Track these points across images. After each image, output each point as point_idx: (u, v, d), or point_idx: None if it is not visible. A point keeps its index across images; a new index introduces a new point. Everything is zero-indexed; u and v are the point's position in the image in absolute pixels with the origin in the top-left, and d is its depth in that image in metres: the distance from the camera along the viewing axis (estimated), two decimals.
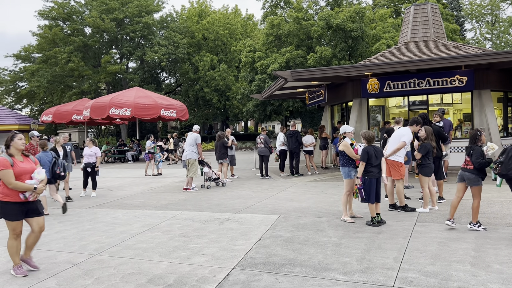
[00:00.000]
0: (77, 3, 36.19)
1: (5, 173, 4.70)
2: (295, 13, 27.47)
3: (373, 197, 6.59)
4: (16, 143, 4.88)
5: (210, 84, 37.23)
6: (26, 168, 4.89)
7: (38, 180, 4.86)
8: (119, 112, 21.47)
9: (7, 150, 4.90)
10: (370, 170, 6.60)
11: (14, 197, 4.77)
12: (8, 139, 4.87)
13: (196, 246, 5.85)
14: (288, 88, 16.37)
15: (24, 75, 37.19)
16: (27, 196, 4.80)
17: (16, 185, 4.72)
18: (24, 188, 4.77)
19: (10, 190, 4.75)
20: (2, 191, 4.77)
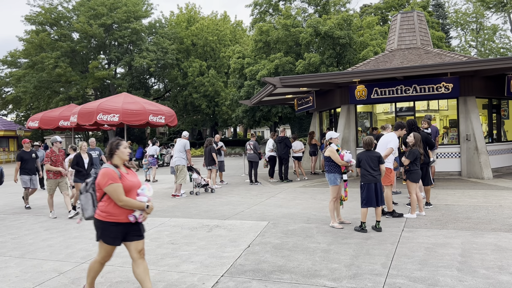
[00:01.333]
0: (64, 8, 35.97)
1: (114, 188, 3.86)
2: (284, 20, 27.67)
3: (369, 202, 6.61)
4: (122, 152, 4.07)
5: (199, 90, 37.22)
6: (134, 182, 4.06)
7: (148, 197, 4.05)
8: (107, 118, 21.27)
9: (109, 160, 4.10)
10: (366, 175, 6.64)
11: (121, 218, 3.93)
12: (113, 146, 4.07)
13: (184, 254, 5.81)
14: (277, 94, 16.44)
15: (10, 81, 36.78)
16: (137, 216, 3.97)
17: (127, 203, 3.88)
18: (137, 207, 3.94)
19: (118, 208, 3.92)
20: (106, 209, 3.93)
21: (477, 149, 12.36)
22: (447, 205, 8.57)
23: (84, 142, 9.77)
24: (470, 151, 12.63)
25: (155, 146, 15.66)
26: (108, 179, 3.87)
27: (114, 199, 3.88)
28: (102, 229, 3.95)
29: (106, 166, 4.01)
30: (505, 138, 14.73)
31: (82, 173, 9.14)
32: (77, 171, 9.16)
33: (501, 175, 12.99)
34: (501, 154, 14.07)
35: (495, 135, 14.30)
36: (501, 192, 9.93)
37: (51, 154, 8.84)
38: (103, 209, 3.94)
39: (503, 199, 8.95)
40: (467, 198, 9.21)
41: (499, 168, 13.79)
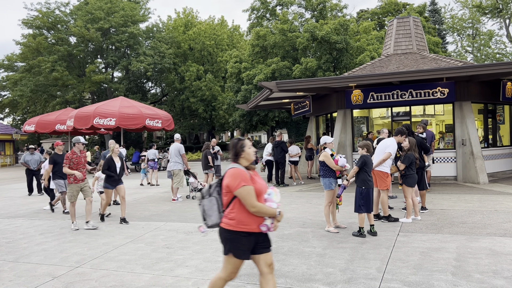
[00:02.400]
0: (62, 12, 35.96)
1: (248, 191, 3.36)
2: (281, 25, 27.77)
3: (368, 207, 6.61)
4: (249, 153, 3.58)
5: (196, 94, 37.24)
6: (262, 185, 3.54)
7: (277, 203, 3.53)
8: (103, 122, 21.26)
9: (235, 159, 3.61)
10: (369, 180, 6.63)
11: (253, 227, 3.42)
12: (238, 148, 3.58)
13: (179, 258, 5.79)
14: (273, 99, 16.47)
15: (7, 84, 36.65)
16: (269, 225, 3.43)
17: (260, 209, 3.36)
18: (269, 214, 3.40)
19: (249, 216, 3.40)
20: (236, 216, 3.41)
21: (473, 154, 12.40)
22: (442, 209, 8.59)
23: (116, 144, 8.88)
24: (466, 156, 12.68)
25: (154, 150, 15.65)
26: (240, 180, 3.36)
27: (246, 204, 3.35)
28: (232, 240, 3.41)
29: (235, 166, 3.52)
30: (501, 143, 14.79)
31: (114, 179, 8.44)
32: (108, 176, 8.48)
33: (497, 180, 13.03)
34: (497, 159, 14.12)
35: (490, 140, 14.36)
36: (497, 196, 9.96)
37: (72, 156, 7.93)
38: (233, 216, 3.42)
39: (498, 204, 8.98)
40: (463, 203, 9.23)
41: (495, 173, 13.84)
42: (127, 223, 8.38)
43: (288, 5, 31.02)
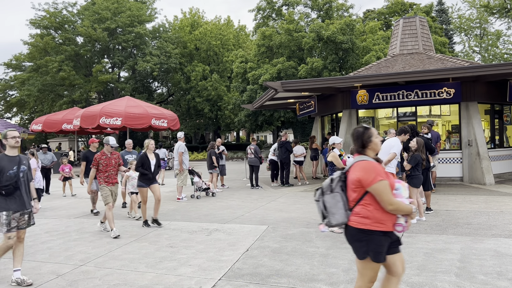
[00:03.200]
0: (69, 12, 36.20)
1: (385, 186, 3.05)
2: (287, 25, 27.75)
3: None
4: (376, 144, 3.26)
5: (202, 94, 37.32)
6: (392, 180, 3.22)
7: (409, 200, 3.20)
8: (109, 121, 21.37)
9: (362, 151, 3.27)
10: None
11: (388, 225, 3.10)
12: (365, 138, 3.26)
13: (183, 257, 5.81)
14: (279, 99, 16.46)
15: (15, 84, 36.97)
16: (404, 224, 3.15)
17: (398, 206, 3.04)
18: (406, 211, 3.08)
19: (384, 214, 3.08)
20: (371, 214, 3.08)
21: (479, 155, 12.32)
22: (447, 210, 8.54)
23: (151, 140, 8.18)
24: (472, 157, 12.59)
25: (163, 149, 15.89)
26: (376, 174, 3.03)
27: (383, 201, 3.02)
28: (369, 241, 3.06)
29: (363, 158, 3.19)
30: (508, 143, 14.68)
31: (148, 177, 7.92)
32: (142, 174, 7.92)
33: (503, 181, 12.93)
34: (503, 160, 14.01)
35: (497, 141, 14.25)
36: (503, 198, 9.88)
37: (100, 157, 7.39)
38: (367, 214, 3.08)
39: (504, 205, 8.91)
40: (468, 204, 9.17)
41: (501, 174, 13.74)
42: (160, 225, 7.91)
43: (294, 5, 30.99)
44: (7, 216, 4.81)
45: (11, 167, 4.86)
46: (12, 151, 4.99)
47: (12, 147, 4.97)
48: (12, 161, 4.92)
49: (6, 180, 4.82)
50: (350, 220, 3.15)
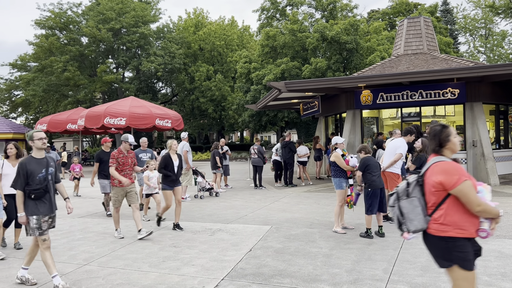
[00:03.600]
0: (74, 13, 36.34)
1: (470, 186, 2.83)
2: (291, 25, 27.73)
3: (374, 208, 6.57)
4: (455, 143, 3.03)
5: (206, 94, 37.36)
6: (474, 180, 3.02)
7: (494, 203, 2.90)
8: (114, 121, 21.45)
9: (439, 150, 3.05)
10: (373, 179, 6.60)
11: (471, 231, 2.86)
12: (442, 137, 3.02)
13: (186, 257, 5.82)
14: (282, 99, 16.46)
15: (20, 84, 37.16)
16: (488, 230, 2.86)
17: (485, 207, 2.80)
18: (493, 214, 2.81)
19: (467, 218, 2.86)
20: (452, 219, 2.86)
21: (484, 155, 12.26)
22: None
23: (174, 140, 7.70)
24: (477, 157, 12.53)
25: None
26: (459, 175, 2.81)
27: (470, 203, 2.79)
28: (455, 249, 2.84)
29: (443, 159, 2.97)
30: None
31: (171, 178, 7.44)
32: (166, 176, 7.41)
33: (508, 182, 12.86)
34: (508, 160, 13.93)
35: (502, 142, 14.17)
36: (508, 198, 9.83)
37: (118, 155, 7.01)
38: (447, 220, 2.86)
39: (509, 206, 8.86)
40: None
41: (506, 174, 13.66)
42: (181, 229, 7.53)
43: (298, 5, 30.96)
44: (37, 220, 4.66)
45: (40, 170, 4.71)
46: (39, 153, 4.79)
47: (39, 149, 4.77)
48: (40, 163, 4.75)
49: (36, 183, 4.68)
50: (430, 228, 2.93)
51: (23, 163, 4.66)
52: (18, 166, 4.65)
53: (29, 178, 4.65)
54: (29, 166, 4.66)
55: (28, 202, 4.67)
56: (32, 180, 4.65)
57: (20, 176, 4.63)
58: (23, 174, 4.63)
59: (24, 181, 4.64)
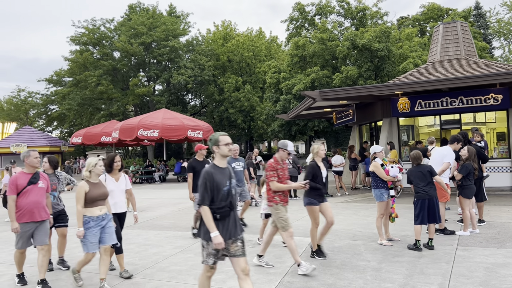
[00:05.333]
0: (106, 28, 37.48)
1: None
2: (320, 34, 27.61)
3: (422, 219, 6.31)
4: None
5: (235, 105, 37.59)
6: None
7: None
8: (147, 133, 21.82)
9: None
10: (417, 191, 6.36)
11: None
12: None
13: (230, 269, 5.73)
14: (315, 108, 16.28)
15: (55, 99, 38.50)
16: None
17: None
18: None
19: None
20: None
21: None
22: (501, 222, 8.09)
23: (322, 145, 6.24)
24: None
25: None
26: None
27: None
28: None
29: None
30: None
31: (320, 192, 6.06)
32: (313, 189, 6.01)
33: None
34: None
35: None
36: None
37: (276, 166, 5.58)
38: None
39: None
40: None
41: None
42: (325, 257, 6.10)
43: (327, 14, 30.84)
44: None
45: (225, 183, 3.87)
46: (223, 161, 3.96)
47: (224, 156, 3.94)
48: (224, 174, 3.91)
49: (221, 199, 3.83)
50: None
51: (210, 172, 3.81)
52: (204, 177, 3.80)
53: (214, 191, 3.81)
54: (215, 177, 3.82)
55: None
56: (217, 195, 3.81)
57: (207, 189, 3.77)
58: (211, 187, 3.78)
59: (211, 195, 3.79)
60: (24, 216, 5.16)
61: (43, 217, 5.30)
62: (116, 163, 5.58)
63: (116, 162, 5.58)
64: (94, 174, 5.10)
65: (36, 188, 5.28)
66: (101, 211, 5.06)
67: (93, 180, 5.10)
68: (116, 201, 5.57)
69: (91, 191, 4.97)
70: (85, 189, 4.95)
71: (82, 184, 4.98)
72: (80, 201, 4.91)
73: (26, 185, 5.21)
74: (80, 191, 4.93)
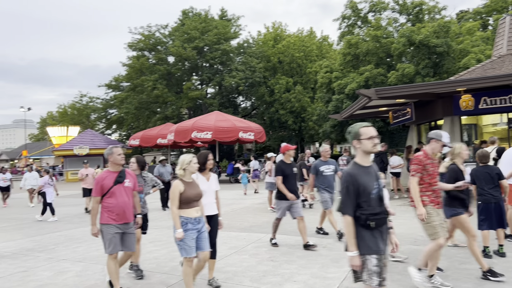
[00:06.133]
0: (161, 34, 38.78)
1: None
2: (374, 31, 26.81)
3: (489, 224, 5.86)
4: None
5: (286, 106, 37.44)
6: None
7: None
8: (200, 135, 22.25)
9: None
10: (482, 194, 5.92)
11: None
12: None
13: (286, 272, 5.61)
14: (370, 107, 15.77)
15: (114, 103, 40.36)
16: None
17: None
18: None
19: None
20: None
21: None
22: None
23: (463, 145, 5.46)
24: None
25: (256, 161, 16.71)
26: None
27: None
28: None
29: None
30: None
31: (464, 202, 5.23)
32: (454, 198, 5.23)
33: None
34: None
35: None
36: None
37: (426, 160, 4.76)
38: None
39: None
40: None
41: None
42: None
43: (381, 11, 29.89)
44: (379, 261, 3.12)
45: (372, 185, 3.20)
46: (367, 158, 3.29)
47: (368, 153, 3.26)
48: (370, 174, 3.24)
49: (373, 204, 3.17)
50: None
51: (352, 173, 3.17)
52: (346, 178, 3.17)
53: (360, 196, 3.17)
54: (360, 179, 3.17)
55: (363, 234, 3.14)
56: (367, 199, 3.16)
57: (349, 194, 3.15)
58: (355, 192, 3.16)
59: (354, 201, 3.16)
60: (112, 218, 4.78)
61: (131, 218, 4.95)
62: (210, 161, 5.11)
63: (209, 160, 5.11)
64: (188, 173, 4.64)
65: (123, 188, 4.92)
66: (197, 212, 4.61)
67: (187, 179, 4.65)
68: (206, 202, 5.11)
69: (186, 191, 4.54)
70: (180, 189, 4.52)
71: (177, 184, 4.55)
72: (175, 202, 4.49)
73: (112, 185, 4.85)
74: (174, 191, 4.51)
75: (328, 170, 7.59)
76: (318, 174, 7.65)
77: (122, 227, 4.83)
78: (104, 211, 4.80)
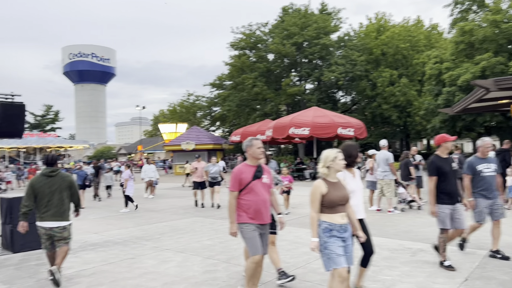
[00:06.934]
0: (262, 32, 39.48)
1: None
2: (492, 16, 24.03)
3: None
4: None
5: (389, 100, 35.49)
6: None
7: None
8: (298, 131, 22.14)
9: None
10: None
11: None
12: None
13: (388, 278, 5.19)
14: (487, 100, 14.10)
15: (218, 101, 42.24)
16: None
17: None
18: None
19: None
20: None
21: None
22: None
23: None
24: None
25: None
26: None
27: None
28: None
29: None
30: None
31: None
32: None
33: None
34: None
35: None
36: None
37: None
38: None
39: None
40: None
41: None
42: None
43: None
44: None
45: None
46: None
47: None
48: None
49: None
50: None
51: None
52: None
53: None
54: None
55: None
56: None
57: None
58: None
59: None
60: (250, 216, 4.37)
61: (268, 219, 4.52)
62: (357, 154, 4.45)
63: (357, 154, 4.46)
64: (334, 171, 3.94)
65: (261, 184, 4.46)
66: (343, 219, 3.89)
67: (331, 178, 3.96)
68: (355, 204, 4.32)
69: (329, 193, 3.84)
70: (322, 190, 3.84)
71: (318, 184, 3.89)
72: (315, 205, 3.85)
73: (251, 180, 4.40)
74: (315, 192, 3.86)
75: (488, 170, 6.10)
76: (475, 175, 6.18)
77: (261, 228, 4.43)
78: (240, 208, 4.41)
